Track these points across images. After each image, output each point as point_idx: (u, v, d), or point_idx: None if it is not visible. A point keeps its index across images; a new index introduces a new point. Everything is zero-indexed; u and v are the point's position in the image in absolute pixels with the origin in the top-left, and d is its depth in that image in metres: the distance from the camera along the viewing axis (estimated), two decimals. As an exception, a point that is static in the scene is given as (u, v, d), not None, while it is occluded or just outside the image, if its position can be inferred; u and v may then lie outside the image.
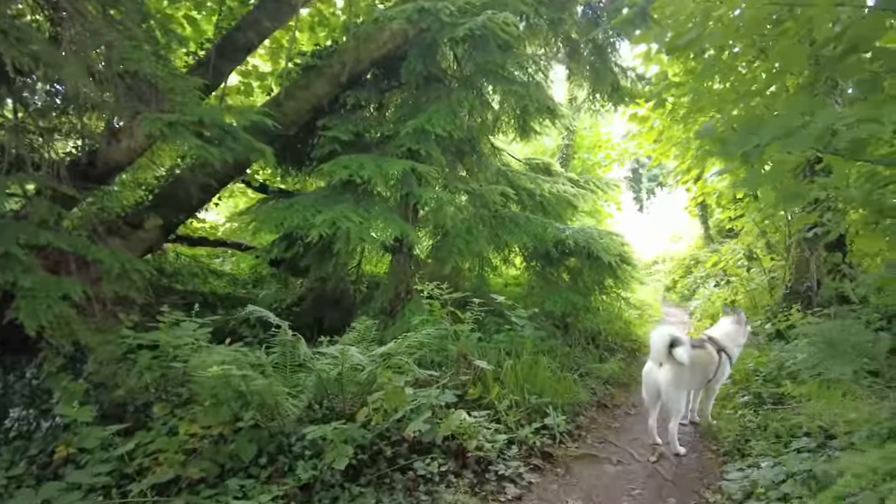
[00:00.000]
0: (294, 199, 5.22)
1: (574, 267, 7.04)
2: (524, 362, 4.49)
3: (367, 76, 6.79)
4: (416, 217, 6.22)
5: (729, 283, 9.14)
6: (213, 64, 5.84)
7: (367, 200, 5.36)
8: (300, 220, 4.78)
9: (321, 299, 6.62)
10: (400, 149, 5.47)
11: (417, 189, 5.24)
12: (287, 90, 6.02)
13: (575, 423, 4.57)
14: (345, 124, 5.79)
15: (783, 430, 3.99)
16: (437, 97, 5.87)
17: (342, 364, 3.19)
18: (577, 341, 6.54)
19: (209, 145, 4.57)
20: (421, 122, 5.35)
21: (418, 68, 5.78)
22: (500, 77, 5.88)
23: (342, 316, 6.22)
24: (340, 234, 4.68)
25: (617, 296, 7.49)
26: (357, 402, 3.52)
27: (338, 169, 5.01)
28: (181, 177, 5.81)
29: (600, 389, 5.57)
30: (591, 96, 7.06)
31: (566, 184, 7.38)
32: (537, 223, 6.20)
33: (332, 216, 4.67)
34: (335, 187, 5.40)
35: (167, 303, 6.45)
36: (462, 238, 5.78)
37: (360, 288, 7.28)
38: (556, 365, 5.17)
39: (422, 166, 5.15)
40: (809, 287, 6.27)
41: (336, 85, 6.05)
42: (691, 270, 15.19)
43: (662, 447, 4.23)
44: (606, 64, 6.74)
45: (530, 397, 4.30)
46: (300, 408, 3.26)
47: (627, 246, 6.89)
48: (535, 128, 7.15)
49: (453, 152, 6.72)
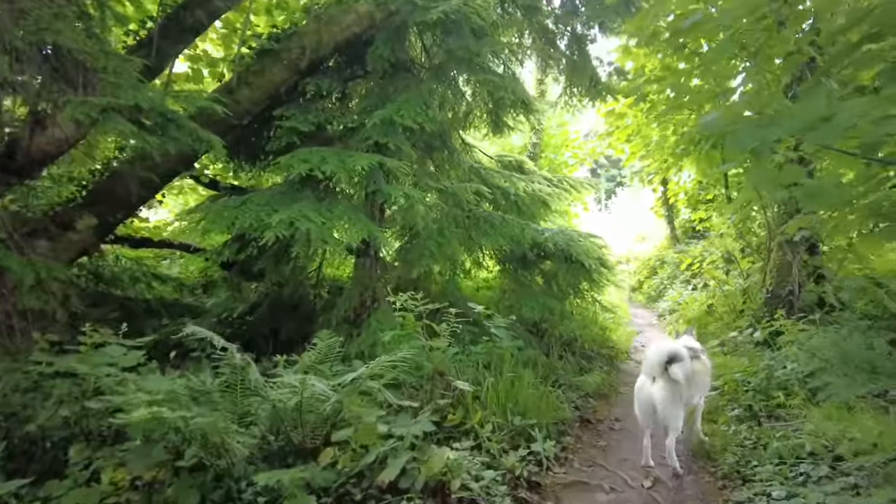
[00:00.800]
0: (247, 196, 4.66)
1: (549, 270, 6.67)
2: (505, 380, 4.06)
3: (329, 63, 6.26)
4: (383, 217, 5.74)
5: (706, 287, 8.97)
6: (157, 45, 5.21)
7: (329, 198, 4.84)
8: (254, 220, 4.23)
9: (278, 306, 6.06)
10: (366, 142, 4.98)
11: (386, 186, 4.75)
12: (240, 76, 5.44)
13: (561, 443, 4.17)
14: (304, 114, 5.26)
15: (785, 451, 3.68)
16: (406, 87, 5.40)
17: (301, 394, 2.69)
18: (553, 349, 6.17)
19: (148, 134, 3.99)
20: (389, 112, 4.87)
21: (385, 54, 5.29)
22: (474, 66, 5.44)
23: (301, 325, 5.69)
24: (299, 235, 4.15)
25: (592, 299, 7.17)
26: (320, 433, 3.03)
27: (296, 163, 4.48)
28: (119, 171, 5.17)
29: (582, 403, 5.20)
30: (569, 90, 6.70)
31: (541, 182, 7.00)
32: (514, 224, 5.80)
33: (289, 215, 4.13)
34: (293, 183, 4.87)
35: (104, 312, 5.84)
36: (433, 240, 5.32)
37: (322, 293, 6.73)
38: (538, 379, 4.78)
39: (390, 161, 4.67)
40: (791, 291, 6.07)
41: (295, 71, 5.50)
42: (657, 271, 15.14)
43: (656, 470, 3.88)
44: (585, 56, 6.39)
45: (513, 418, 3.88)
46: (251, 444, 2.74)
47: (606, 248, 6.56)
48: (508, 122, 6.74)
49: (423, 147, 6.26)
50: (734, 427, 4.35)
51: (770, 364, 4.91)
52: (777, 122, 2.86)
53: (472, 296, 7.40)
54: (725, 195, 8.54)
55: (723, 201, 8.93)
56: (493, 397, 3.92)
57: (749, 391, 4.82)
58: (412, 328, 3.97)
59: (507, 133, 7.05)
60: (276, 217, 4.10)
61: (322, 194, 4.85)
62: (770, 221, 6.74)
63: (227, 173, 7.02)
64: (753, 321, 6.36)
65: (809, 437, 3.69)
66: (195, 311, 6.34)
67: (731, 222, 7.77)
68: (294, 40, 5.50)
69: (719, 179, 8.72)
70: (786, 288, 6.18)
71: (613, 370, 6.73)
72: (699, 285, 9.64)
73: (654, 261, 15.71)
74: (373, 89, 5.67)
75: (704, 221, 10.83)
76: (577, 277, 6.53)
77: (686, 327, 5.61)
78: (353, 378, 2.74)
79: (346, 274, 7.13)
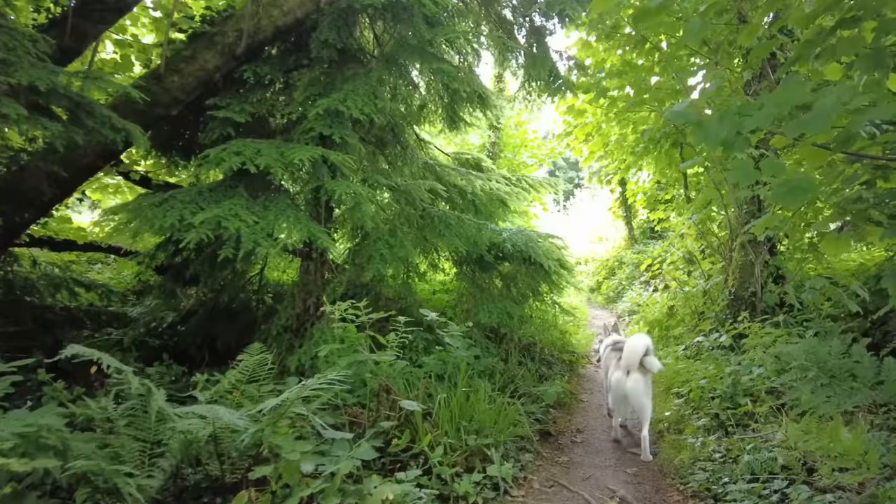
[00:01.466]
0: (170, 192, 4.16)
1: (508, 272, 6.35)
2: (459, 394, 3.70)
3: (271, 50, 5.79)
4: (330, 216, 5.31)
5: (667, 288, 8.83)
6: (73, 24, 4.68)
7: (267, 196, 4.39)
8: (175, 220, 3.75)
9: (215, 314, 5.55)
10: (309, 134, 4.54)
11: (331, 182, 4.33)
12: (169, 61, 4.92)
13: (520, 462, 3.83)
14: (241, 104, 4.79)
15: (758, 465, 3.44)
16: (354, 76, 4.98)
17: (212, 425, 2.27)
18: (511, 355, 5.87)
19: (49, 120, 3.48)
20: (334, 101, 4.45)
21: (331, 40, 4.86)
22: (427, 54, 5.07)
23: (240, 335, 5.21)
24: (229, 236, 3.69)
25: (552, 302, 6.89)
26: (242, 465, 2.60)
27: (227, 156, 4.02)
28: (28, 166, 4.60)
29: (542, 413, 4.89)
30: (527, 84, 6.41)
31: (500, 181, 6.68)
32: (471, 224, 5.45)
33: (216, 214, 3.67)
34: (227, 179, 4.41)
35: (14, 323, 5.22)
36: (384, 241, 4.91)
37: (265, 299, 6.24)
38: (496, 390, 4.45)
39: (335, 154, 4.25)
40: (754, 293, 5.91)
41: (230, 57, 5.01)
42: (615, 272, 15.11)
43: (621, 490, 3.59)
44: (544, 47, 6.09)
45: (468, 437, 3.52)
46: (157, 485, 2.30)
47: (566, 249, 6.29)
48: (464, 118, 6.39)
49: (374, 142, 5.86)
50: (701, 438, 4.11)
51: (736, 369, 4.70)
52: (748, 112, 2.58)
53: (428, 299, 7.03)
54: (685, 195, 8.42)
55: (682, 201, 8.81)
56: (446, 415, 3.55)
57: (715, 398, 4.59)
58: (354, 340, 3.56)
59: (464, 129, 6.70)
60: (200, 216, 3.63)
61: (259, 191, 4.40)
62: (732, 221, 6.60)
63: (160, 170, 6.44)
64: (717, 324, 6.20)
65: (782, 449, 3.46)
66: (123, 321, 5.77)
67: (693, 222, 7.62)
68: (230, 24, 5.02)
69: (679, 179, 8.61)
70: (748, 289, 6.02)
71: (574, 376, 6.47)
72: (660, 286, 9.51)
73: (612, 261, 15.69)
74: (318, 78, 5.23)
75: (663, 222, 10.74)
76: (536, 280, 6.24)
77: (613, 322, 6.01)
78: (275, 405, 2.33)
79: (293, 278, 6.65)
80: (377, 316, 3.63)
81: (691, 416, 4.60)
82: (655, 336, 7.70)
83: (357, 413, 3.42)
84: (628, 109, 7.01)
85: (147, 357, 4.98)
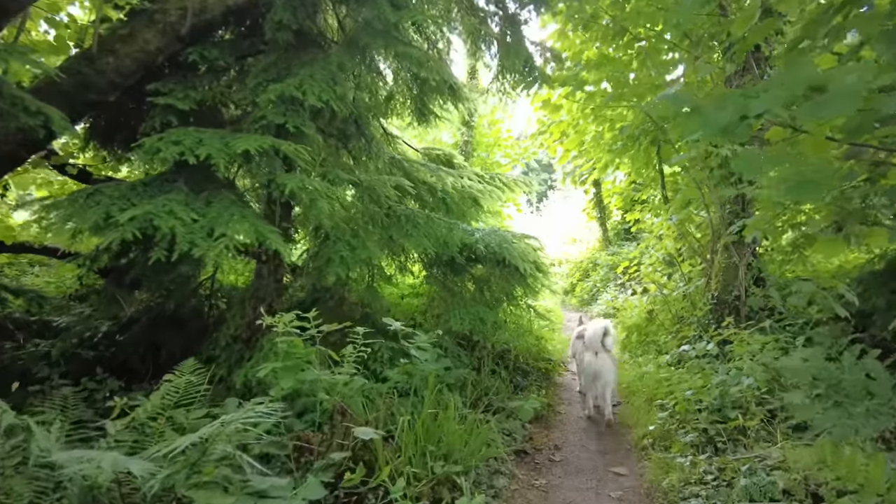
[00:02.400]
0: (98, 186, 3.67)
1: (481, 275, 5.96)
2: (425, 415, 3.28)
3: (224, 34, 5.33)
4: (288, 215, 4.86)
5: (646, 291, 8.55)
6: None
7: (211, 191, 3.92)
8: (100, 218, 3.27)
9: (159, 322, 5.03)
10: (260, 122, 4.10)
11: (283, 176, 3.88)
12: (103, 40, 4.42)
13: (493, 488, 3.44)
14: (185, 90, 4.32)
15: (756, 490, 3.12)
16: (311, 61, 4.55)
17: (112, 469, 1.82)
18: (484, 363, 5.48)
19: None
20: (289, 87, 4.03)
21: (286, 20, 4.42)
22: (392, 38, 4.66)
23: (189, 343, 4.72)
24: (161, 236, 3.22)
25: (527, 306, 6.53)
26: (161, 512, 2.15)
27: (165, 145, 3.56)
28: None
29: (517, 430, 4.51)
30: (501, 76, 6.04)
31: (472, 178, 6.30)
32: (441, 224, 5.05)
33: (147, 211, 3.20)
34: (166, 173, 3.93)
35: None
36: (345, 242, 4.48)
37: (219, 305, 5.73)
38: (467, 405, 4.06)
39: (286, 145, 3.81)
40: (738, 297, 5.64)
41: (174, 38, 4.54)
42: (589, 274, 14.88)
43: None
44: (518, 36, 5.73)
45: (434, 464, 3.11)
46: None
47: (542, 251, 5.94)
48: (434, 110, 5.99)
49: (336, 135, 5.40)
50: (691, 457, 3.78)
51: (724, 380, 4.39)
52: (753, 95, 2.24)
53: (397, 304, 6.60)
54: (662, 195, 8.15)
55: (659, 202, 8.56)
56: (410, 438, 3.13)
57: (702, 411, 4.28)
58: (303, 356, 3.12)
59: (435, 123, 6.29)
60: (127, 214, 3.16)
61: (201, 186, 3.92)
62: (714, 222, 6.34)
63: (101, 164, 5.88)
64: (700, 329, 5.91)
65: (782, 473, 3.15)
66: (56, 330, 5.21)
67: (673, 223, 7.35)
68: (173, 0, 4.54)
69: (655, 179, 8.34)
70: (732, 293, 5.75)
71: (550, 386, 6.12)
72: (637, 289, 9.24)
73: (586, 263, 15.45)
74: (273, 63, 4.76)
75: (638, 223, 10.51)
76: (511, 283, 5.86)
77: (580, 314, 7.16)
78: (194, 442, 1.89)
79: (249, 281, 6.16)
80: (329, 328, 3.19)
81: (677, 430, 4.27)
82: (634, 341, 7.41)
83: (308, 437, 2.98)
84: (606, 105, 6.71)
85: (78, 371, 4.46)
